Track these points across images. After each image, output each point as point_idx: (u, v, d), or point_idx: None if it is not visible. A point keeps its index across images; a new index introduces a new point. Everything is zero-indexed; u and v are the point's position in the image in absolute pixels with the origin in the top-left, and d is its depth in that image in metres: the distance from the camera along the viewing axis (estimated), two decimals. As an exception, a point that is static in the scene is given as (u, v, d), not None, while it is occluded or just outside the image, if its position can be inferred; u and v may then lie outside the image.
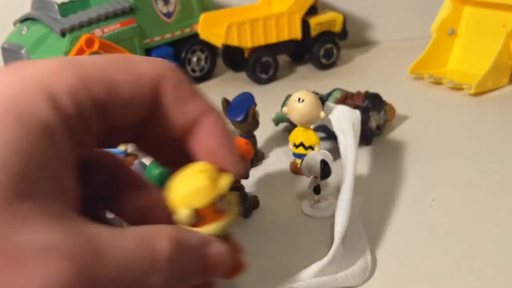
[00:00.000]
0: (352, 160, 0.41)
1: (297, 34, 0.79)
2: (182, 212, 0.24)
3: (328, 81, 0.78)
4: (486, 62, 0.67)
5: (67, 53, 0.65)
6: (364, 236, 0.39)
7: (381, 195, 0.46)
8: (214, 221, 0.24)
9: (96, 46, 0.65)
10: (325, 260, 0.34)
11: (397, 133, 0.58)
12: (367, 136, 0.54)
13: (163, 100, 0.26)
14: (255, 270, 0.37)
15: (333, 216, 0.43)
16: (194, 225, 0.24)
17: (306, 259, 0.38)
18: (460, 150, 0.53)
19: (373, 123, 0.54)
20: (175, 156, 0.28)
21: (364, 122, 0.52)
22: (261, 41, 0.76)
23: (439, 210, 0.43)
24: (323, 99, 0.49)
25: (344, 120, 0.46)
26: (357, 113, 0.47)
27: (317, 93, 0.54)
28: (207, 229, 0.24)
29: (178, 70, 0.27)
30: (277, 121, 0.60)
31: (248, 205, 0.44)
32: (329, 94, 0.56)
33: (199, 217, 0.24)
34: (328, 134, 0.56)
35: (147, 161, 0.41)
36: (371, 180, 0.49)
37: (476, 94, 0.67)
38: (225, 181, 0.25)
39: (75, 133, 0.21)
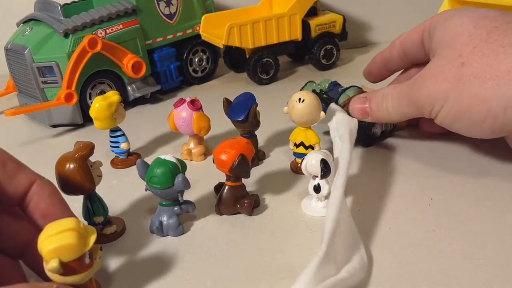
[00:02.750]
0: (346, 161, 0.42)
1: (297, 35, 0.80)
2: (51, 263, 0.29)
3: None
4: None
5: (70, 53, 0.65)
6: (357, 233, 0.39)
7: (380, 194, 0.46)
8: (79, 272, 0.30)
9: (99, 47, 0.66)
10: (320, 253, 0.34)
11: (396, 133, 0.58)
12: (368, 142, 0.54)
13: None
14: (255, 267, 0.38)
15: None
16: (62, 274, 0.29)
17: (306, 257, 0.38)
18: (459, 150, 0.53)
19: (377, 129, 0.54)
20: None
21: (368, 128, 0.53)
22: (262, 42, 0.77)
23: (438, 209, 0.43)
24: (331, 97, 0.49)
25: (342, 127, 0.47)
26: (355, 122, 0.48)
27: (335, 85, 0.54)
28: (71, 279, 0.30)
29: (0, 148, 0.34)
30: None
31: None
32: (344, 90, 0.55)
33: (66, 268, 0.29)
34: None
35: (149, 160, 0.42)
36: (371, 179, 0.49)
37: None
38: (92, 239, 0.30)
39: None
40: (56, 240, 0.29)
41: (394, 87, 0.48)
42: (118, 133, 0.55)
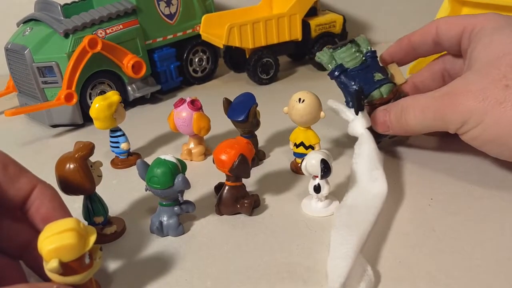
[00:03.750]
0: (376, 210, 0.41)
1: (297, 35, 0.80)
2: (51, 263, 0.29)
3: (328, 81, 0.78)
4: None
5: (70, 53, 0.65)
6: (361, 254, 0.38)
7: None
8: (79, 272, 0.30)
9: (99, 47, 0.66)
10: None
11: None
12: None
13: None
14: (255, 267, 0.38)
15: (332, 215, 0.43)
16: (62, 274, 0.29)
17: (306, 257, 0.39)
18: (459, 150, 0.53)
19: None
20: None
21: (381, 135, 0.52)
22: (262, 42, 0.77)
23: (438, 209, 0.43)
24: (364, 93, 0.47)
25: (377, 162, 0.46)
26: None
27: (373, 58, 0.50)
28: (71, 279, 0.30)
29: (2, 152, 0.34)
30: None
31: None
32: (378, 85, 0.50)
33: (66, 268, 0.29)
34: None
35: (149, 160, 0.42)
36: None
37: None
38: (91, 239, 0.30)
39: None
40: (56, 240, 0.29)
41: (415, 98, 0.46)
42: (118, 133, 0.55)
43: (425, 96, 0.45)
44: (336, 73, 0.50)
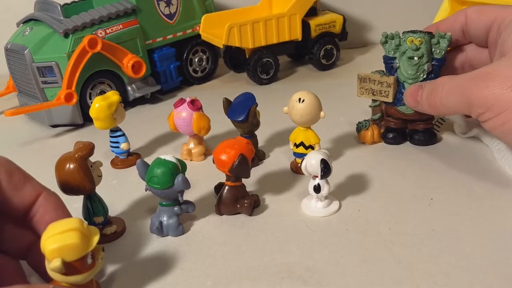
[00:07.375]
0: None
1: (297, 35, 0.80)
2: (54, 263, 0.29)
3: (328, 81, 0.79)
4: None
5: (70, 53, 0.65)
6: None
7: (380, 194, 0.46)
8: (81, 272, 0.30)
9: (99, 47, 0.66)
10: None
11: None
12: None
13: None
14: (255, 267, 0.38)
15: (332, 215, 0.44)
16: (64, 273, 0.29)
17: (306, 257, 0.39)
18: (459, 149, 0.53)
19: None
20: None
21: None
22: (262, 42, 0.77)
23: (438, 209, 0.43)
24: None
25: None
26: None
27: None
28: (73, 279, 0.30)
29: (8, 159, 0.34)
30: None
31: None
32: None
33: (69, 267, 0.29)
34: None
35: (149, 160, 0.42)
36: (371, 179, 0.49)
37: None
38: (95, 239, 0.31)
39: None
40: (59, 239, 0.29)
41: (448, 77, 0.45)
42: (118, 133, 0.55)
43: (457, 76, 0.44)
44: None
